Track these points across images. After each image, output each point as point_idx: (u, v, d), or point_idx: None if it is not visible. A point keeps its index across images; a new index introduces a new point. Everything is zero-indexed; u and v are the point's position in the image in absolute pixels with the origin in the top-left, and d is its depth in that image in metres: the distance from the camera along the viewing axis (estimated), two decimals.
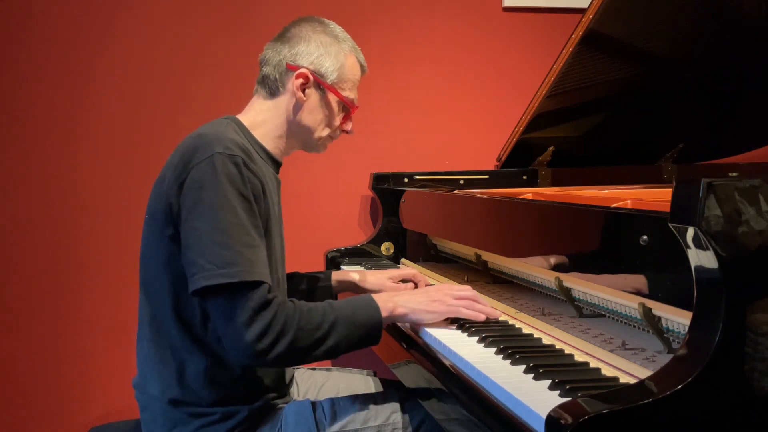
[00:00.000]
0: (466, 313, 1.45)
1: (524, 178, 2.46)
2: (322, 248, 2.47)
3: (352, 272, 1.82)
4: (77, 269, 2.43)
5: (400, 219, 2.41)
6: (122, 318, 2.46)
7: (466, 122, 2.70)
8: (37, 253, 2.40)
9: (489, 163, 2.59)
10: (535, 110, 2.20)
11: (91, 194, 2.43)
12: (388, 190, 2.45)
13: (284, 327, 1.28)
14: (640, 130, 2.43)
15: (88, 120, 2.42)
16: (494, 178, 2.45)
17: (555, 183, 2.45)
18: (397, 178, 2.43)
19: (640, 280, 1.10)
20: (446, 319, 1.49)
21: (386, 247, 2.46)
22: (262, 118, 1.55)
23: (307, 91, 1.53)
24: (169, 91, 2.46)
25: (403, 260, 2.41)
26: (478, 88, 2.72)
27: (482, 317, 1.45)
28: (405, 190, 2.34)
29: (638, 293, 1.12)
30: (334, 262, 2.43)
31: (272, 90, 1.54)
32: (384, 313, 1.40)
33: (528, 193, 1.87)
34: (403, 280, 1.80)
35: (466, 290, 1.50)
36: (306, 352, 1.32)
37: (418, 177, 2.43)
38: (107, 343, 2.45)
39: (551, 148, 2.41)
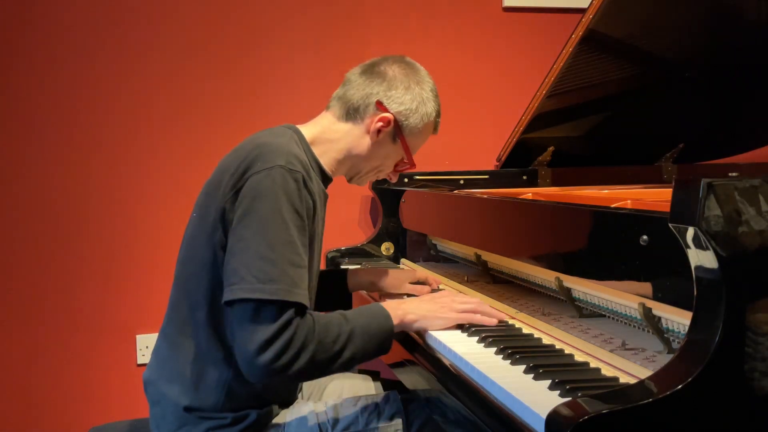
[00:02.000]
0: (477, 319, 1.44)
1: (524, 178, 2.46)
2: (322, 248, 2.46)
3: (369, 272, 1.81)
4: (78, 268, 2.43)
5: (400, 219, 2.40)
6: (123, 317, 2.46)
7: (466, 122, 2.70)
8: (37, 252, 2.40)
9: (489, 163, 2.58)
10: (535, 110, 2.20)
11: (90, 195, 2.43)
12: (388, 190, 2.45)
13: (304, 343, 1.26)
14: (640, 130, 2.43)
15: (84, 120, 2.42)
16: (494, 178, 2.45)
17: (555, 183, 2.45)
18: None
19: (640, 280, 1.10)
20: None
21: (386, 247, 2.46)
22: (328, 137, 1.53)
23: (380, 135, 1.52)
24: (171, 92, 2.47)
25: (403, 260, 2.41)
26: (478, 88, 2.72)
27: (493, 321, 1.44)
28: (405, 190, 2.34)
29: (638, 293, 1.12)
30: (334, 262, 2.43)
31: (350, 115, 1.52)
32: (395, 321, 1.38)
33: (528, 193, 1.87)
34: (418, 283, 1.79)
35: (472, 301, 1.49)
36: (325, 366, 1.30)
37: (418, 177, 2.43)
38: (108, 343, 2.45)
39: (551, 148, 2.41)
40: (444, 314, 1.43)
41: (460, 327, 1.44)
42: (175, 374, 1.42)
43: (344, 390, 1.69)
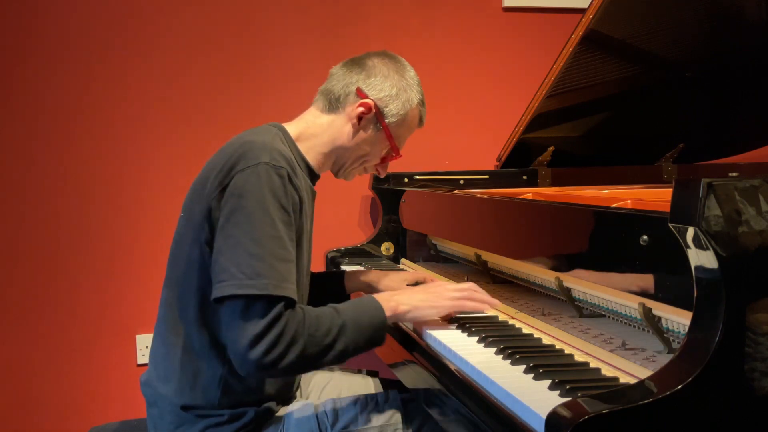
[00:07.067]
0: (470, 305, 1.45)
1: (524, 178, 2.46)
2: (322, 248, 2.47)
3: (367, 273, 1.80)
4: (77, 268, 2.43)
5: (400, 219, 2.41)
6: (123, 317, 2.46)
7: (466, 122, 2.70)
8: (37, 252, 2.40)
9: (489, 163, 2.59)
10: (535, 110, 2.20)
11: (91, 195, 2.43)
12: (388, 190, 2.45)
13: (294, 337, 1.27)
14: (640, 130, 2.43)
15: (86, 120, 2.42)
16: (494, 178, 2.45)
17: (555, 183, 2.45)
18: (397, 178, 2.43)
19: (640, 280, 1.10)
20: (447, 319, 1.49)
21: (386, 247, 2.46)
22: (312, 132, 1.55)
23: (362, 122, 1.53)
24: (173, 93, 2.47)
25: (403, 260, 2.41)
26: (478, 88, 2.72)
27: (485, 307, 1.46)
28: (405, 190, 2.34)
29: (638, 293, 1.12)
30: (334, 262, 2.43)
31: (332, 106, 1.55)
32: (387, 313, 1.39)
33: (528, 193, 1.87)
34: (417, 283, 1.79)
35: (463, 287, 1.50)
36: (316, 359, 1.31)
37: (418, 177, 2.43)
38: (108, 343, 2.45)
39: (551, 148, 2.41)
40: (436, 303, 1.45)
41: (460, 327, 1.44)
42: (170, 373, 1.42)
43: (343, 389, 1.69)
